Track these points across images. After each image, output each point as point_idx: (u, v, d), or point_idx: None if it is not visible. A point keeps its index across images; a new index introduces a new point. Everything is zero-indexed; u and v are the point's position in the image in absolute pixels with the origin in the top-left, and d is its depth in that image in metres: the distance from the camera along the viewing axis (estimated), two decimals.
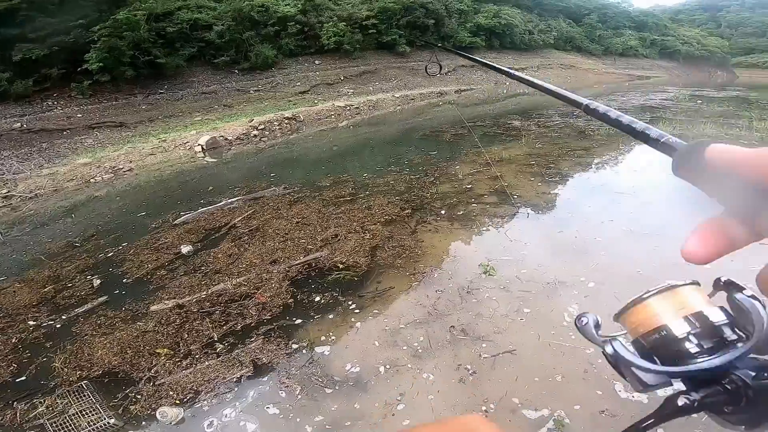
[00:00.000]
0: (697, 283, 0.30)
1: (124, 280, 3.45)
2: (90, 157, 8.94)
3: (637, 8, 47.01)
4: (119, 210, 5.53)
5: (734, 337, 0.28)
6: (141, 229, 4.50)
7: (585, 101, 0.45)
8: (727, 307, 0.29)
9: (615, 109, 0.41)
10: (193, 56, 14.18)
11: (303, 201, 4.81)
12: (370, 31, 18.71)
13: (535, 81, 0.62)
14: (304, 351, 2.46)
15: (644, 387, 0.28)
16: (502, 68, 0.86)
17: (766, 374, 0.25)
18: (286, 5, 16.75)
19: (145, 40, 12.45)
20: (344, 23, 17.43)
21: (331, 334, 2.60)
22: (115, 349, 2.58)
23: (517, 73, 0.74)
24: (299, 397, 2.14)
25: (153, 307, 3.00)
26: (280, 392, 2.19)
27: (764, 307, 0.27)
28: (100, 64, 11.25)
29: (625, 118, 0.37)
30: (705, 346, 0.27)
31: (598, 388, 2.00)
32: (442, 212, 4.16)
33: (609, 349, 0.30)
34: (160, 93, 13.33)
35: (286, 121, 11.19)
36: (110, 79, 11.85)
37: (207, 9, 14.87)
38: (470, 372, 2.18)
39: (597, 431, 1.86)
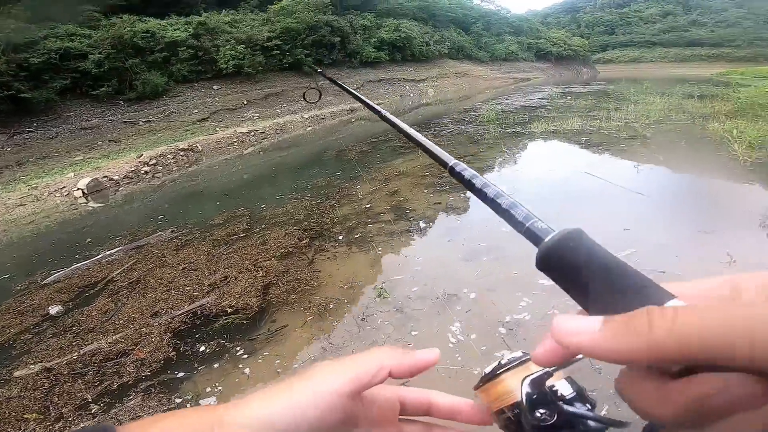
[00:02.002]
0: None
1: None
2: None
3: (514, 14, 52.30)
4: None
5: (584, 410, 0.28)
6: (2, 294, 3.98)
7: (451, 162, 0.39)
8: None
9: (483, 177, 0.34)
10: (67, 88, 12.74)
11: (191, 244, 4.46)
12: (274, 52, 18.42)
13: (407, 130, 0.54)
14: (188, 405, 2.26)
15: None
16: (379, 109, 0.72)
17: None
18: (175, 30, 15.83)
19: (3, 74, 10.92)
20: (243, 46, 16.95)
21: (217, 384, 2.41)
22: None
23: (391, 117, 0.64)
24: None
25: (17, 373, 2.73)
26: None
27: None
28: None
29: (492, 190, 0.32)
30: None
31: None
32: (340, 237, 4.10)
33: None
34: (29, 132, 11.71)
35: (181, 153, 10.44)
36: None
37: (80, 37, 13.50)
38: None
39: None
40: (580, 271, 0.23)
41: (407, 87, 24.40)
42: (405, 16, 30.45)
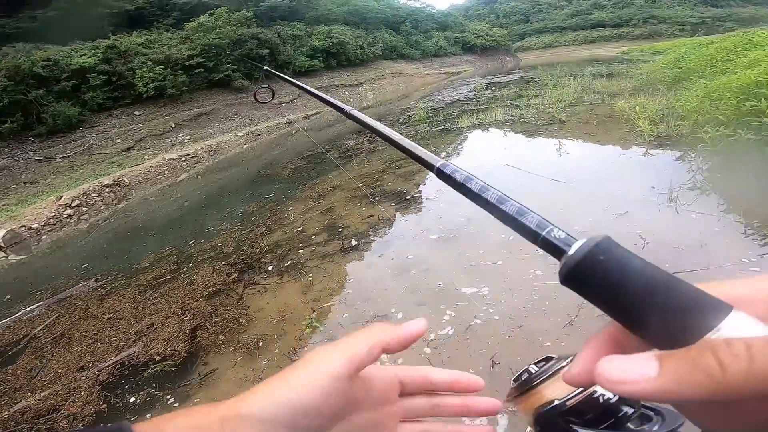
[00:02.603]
0: None
1: None
2: None
3: (438, 10, 53.24)
4: None
5: (631, 411, 0.26)
6: None
7: (438, 162, 0.34)
8: None
9: (475, 176, 0.31)
10: None
11: (117, 292, 4.25)
12: (197, 70, 17.69)
13: (383, 130, 0.47)
14: None
15: None
16: (342, 107, 0.64)
17: None
18: (81, 56, 14.75)
19: None
20: (162, 66, 16.13)
21: None
22: None
23: (359, 115, 0.56)
24: None
25: None
26: None
27: None
28: None
29: (493, 194, 0.28)
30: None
31: None
32: (270, 268, 4.03)
33: None
34: None
35: (107, 190, 9.75)
36: None
37: None
38: None
39: None
40: (615, 288, 0.21)
41: (346, 92, 24.31)
42: (335, 21, 30.20)
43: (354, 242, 4.14)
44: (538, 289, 2.78)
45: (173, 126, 14.80)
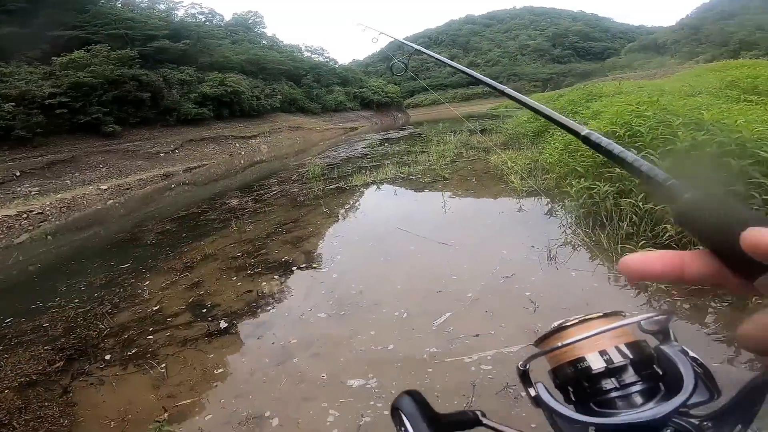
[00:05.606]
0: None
1: None
2: None
3: (341, 65, 55.65)
4: None
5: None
6: None
7: (584, 131, 0.43)
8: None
9: None
10: None
11: None
12: (59, 110, 15.50)
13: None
14: None
15: None
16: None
17: None
18: None
19: None
20: (13, 104, 13.82)
21: None
22: None
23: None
24: None
25: None
26: None
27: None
28: None
29: (629, 155, 0.35)
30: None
31: None
32: (108, 357, 3.24)
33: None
34: None
35: None
36: None
37: None
38: None
39: None
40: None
41: (237, 144, 23.22)
42: (232, 69, 29.44)
43: (224, 324, 3.53)
44: (432, 370, 2.55)
45: (17, 174, 12.32)
